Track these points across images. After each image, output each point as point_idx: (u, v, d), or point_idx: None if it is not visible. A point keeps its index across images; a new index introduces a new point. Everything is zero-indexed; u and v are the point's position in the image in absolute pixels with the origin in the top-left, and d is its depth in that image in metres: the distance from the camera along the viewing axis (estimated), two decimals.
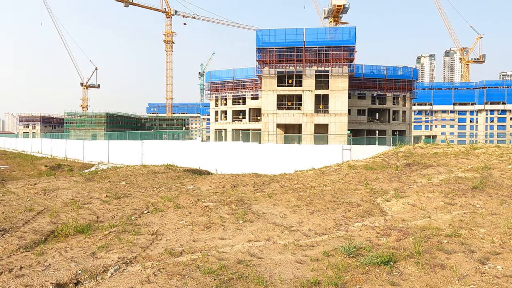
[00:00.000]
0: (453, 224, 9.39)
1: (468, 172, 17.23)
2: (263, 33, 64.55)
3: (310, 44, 62.29)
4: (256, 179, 16.38)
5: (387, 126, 78.81)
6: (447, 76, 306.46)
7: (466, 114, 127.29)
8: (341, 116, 62.96)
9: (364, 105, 77.69)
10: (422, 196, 12.26)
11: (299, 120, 64.01)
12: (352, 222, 9.83)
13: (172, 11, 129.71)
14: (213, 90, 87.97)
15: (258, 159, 42.28)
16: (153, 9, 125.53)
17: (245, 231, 9.24)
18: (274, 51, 63.12)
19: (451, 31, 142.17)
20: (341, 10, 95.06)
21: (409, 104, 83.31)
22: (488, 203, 11.57)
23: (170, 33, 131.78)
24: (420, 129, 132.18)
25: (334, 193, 13.13)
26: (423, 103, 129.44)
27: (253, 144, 45.58)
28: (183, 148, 47.59)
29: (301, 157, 38.94)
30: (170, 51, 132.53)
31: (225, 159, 42.34)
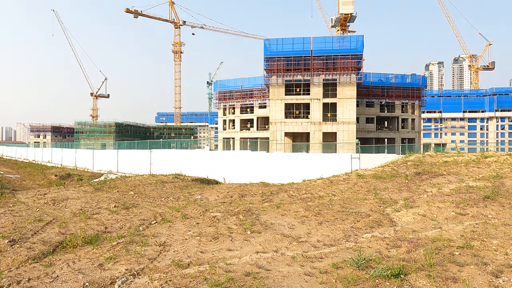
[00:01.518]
0: (465, 235, 9.20)
1: (479, 181, 16.96)
2: (270, 42, 64.92)
3: (317, 52, 62.45)
4: (264, 189, 16.31)
5: (396, 134, 78.29)
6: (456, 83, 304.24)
7: (476, 122, 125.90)
8: (349, 124, 62.74)
9: (373, 113, 77.37)
10: (432, 206, 12.07)
11: (307, 128, 63.92)
12: (362, 233, 9.70)
13: (180, 22, 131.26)
14: (221, 99, 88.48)
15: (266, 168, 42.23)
16: (162, 19, 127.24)
17: (253, 242, 9.16)
18: (281, 60, 63.39)
19: (460, 38, 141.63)
20: (349, 19, 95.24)
21: (418, 111, 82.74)
22: (501, 213, 11.35)
23: (179, 43, 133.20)
24: (430, 137, 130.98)
25: (342, 203, 13.00)
26: (433, 110, 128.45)
27: (261, 153, 45.54)
28: (191, 157, 47.74)
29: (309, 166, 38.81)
30: (178, 61, 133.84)
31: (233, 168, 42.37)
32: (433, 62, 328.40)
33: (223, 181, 36.23)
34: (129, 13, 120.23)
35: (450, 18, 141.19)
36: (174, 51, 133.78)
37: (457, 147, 30.81)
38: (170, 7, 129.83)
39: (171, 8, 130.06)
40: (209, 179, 30.38)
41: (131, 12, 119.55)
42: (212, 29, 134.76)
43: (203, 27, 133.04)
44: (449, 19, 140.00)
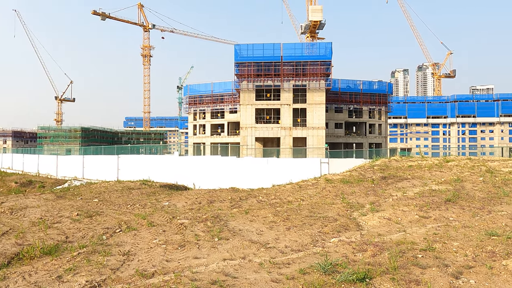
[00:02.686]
0: (428, 238, 9.46)
1: (441, 185, 17.57)
2: (241, 48, 65.06)
3: (287, 58, 63.12)
4: (233, 194, 16.19)
5: (364, 139, 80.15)
6: (420, 90, 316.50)
7: (439, 127, 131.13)
8: (319, 129, 63.67)
9: (341, 118, 78.93)
10: (397, 210, 12.37)
11: (278, 133, 64.34)
12: (329, 238, 9.77)
13: (150, 25, 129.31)
14: (191, 104, 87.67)
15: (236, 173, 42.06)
16: (131, 22, 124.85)
17: (221, 249, 9.02)
18: (252, 65, 63.58)
19: (423, 47, 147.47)
20: (318, 26, 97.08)
21: (384, 117, 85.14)
22: (461, 215, 11.78)
23: (148, 46, 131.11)
24: (396, 141, 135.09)
25: (311, 208, 13.09)
26: (398, 116, 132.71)
27: (231, 158, 45.36)
28: (160, 163, 46.88)
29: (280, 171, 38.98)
30: (147, 65, 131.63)
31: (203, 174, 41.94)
32: (399, 70, 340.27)
33: (192, 187, 35.74)
34: (96, 15, 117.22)
35: (414, 27, 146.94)
36: (143, 54, 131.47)
37: (421, 151, 31.89)
38: (139, 10, 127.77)
39: (140, 11, 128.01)
40: (178, 185, 29.90)
41: (98, 14, 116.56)
42: (182, 33, 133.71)
43: (173, 31, 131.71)
44: (413, 28, 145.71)
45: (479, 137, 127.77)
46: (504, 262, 7.51)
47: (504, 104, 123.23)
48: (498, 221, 10.89)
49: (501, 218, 11.17)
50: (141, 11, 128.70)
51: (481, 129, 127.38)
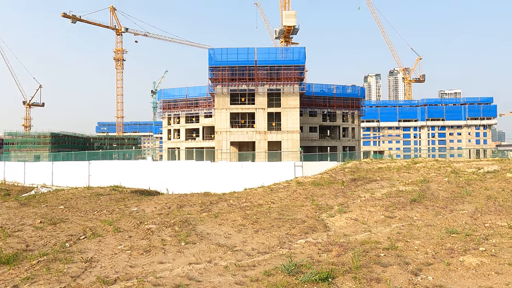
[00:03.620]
0: (391, 237, 9.69)
1: (408, 186, 18.05)
2: (215, 52, 65.00)
3: (262, 63, 63.45)
4: (204, 199, 16.08)
5: (337, 142, 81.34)
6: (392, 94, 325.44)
7: (410, 130, 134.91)
8: (293, 133, 64.24)
9: (316, 122, 79.86)
10: (364, 211, 12.61)
11: (253, 137, 64.46)
12: (296, 239, 9.84)
13: (122, 29, 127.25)
14: (165, 109, 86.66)
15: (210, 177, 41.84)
16: (103, 26, 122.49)
17: (187, 253, 8.92)
18: (226, 69, 63.55)
19: (394, 52, 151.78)
20: (292, 31, 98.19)
21: (357, 121, 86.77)
22: (425, 215, 12.13)
23: (121, 50, 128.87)
24: (369, 145, 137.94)
25: (280, 210, 13.16)
26: (371, 120, 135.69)
27: (205, 163, 45.06)
28: (132, 168, 46.03)
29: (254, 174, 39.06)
30: (120, 69, 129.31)
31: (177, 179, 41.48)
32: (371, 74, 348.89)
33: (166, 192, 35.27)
34: (67, 17, 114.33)
35: (385, 33, 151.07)
36: (115, 58, 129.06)
37: (391, 154, 32.73)
38: (111, 13, 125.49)
39: (112, 14, 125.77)
40: (150, 191, 29.42)
41: (68, 17, 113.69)
42: (156, 37, 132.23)
43: (147, 34, 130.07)
44: (384, 34, 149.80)
45: (448, 139, 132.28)
46: (461, 259, 7.79)
47: (471, 108, 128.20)
48: (459, 220, 11.28)
49: (462, 217, 11.58)
50: (113, 14, 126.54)
51: (449, 132, 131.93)
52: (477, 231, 9.87)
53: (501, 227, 10.18)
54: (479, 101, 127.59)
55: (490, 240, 8.98)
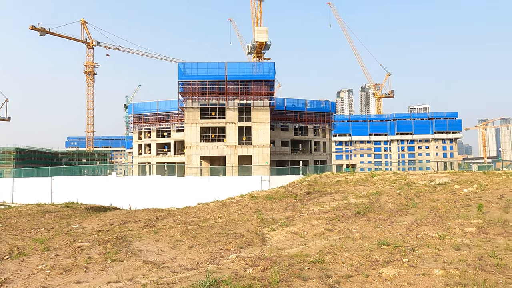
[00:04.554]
0: (323, 250, 9.67)
1: (360, 198, 18.26)
2: (185, 66, 64.92)
3: (232, 77, 63.70)
4: (152, 214, 15.70)
5: (309, 156, 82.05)
6: (364, 109, 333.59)
7: (380, 144, 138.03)
8: (264, 147, 64.39)
9: (287, 136, 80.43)
10: (307, 224, 12.60)
11: (223, 152, 64.20)
12: (229, 254, 9.67)
13: (94, 42, 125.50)
14: (136, 123, 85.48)
15: (177, 193, 41.25)
16: (73, 39, 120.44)
17: (110, 271, 8.59)
18: (196, 84, 63.42)
19: (364, 68, 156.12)
20: (263, 47, 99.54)
21: (328, 135, 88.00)
22: (364, 227, 12.23)
23: (92, 64, 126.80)
24: (342, 158, 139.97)
25: (224, 225, 12.98)
26: (343, 134, 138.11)
27: (171, 178, 44.42)
28: (96, 184, 44.87)
29: (221, 189, 38.74)
30: (91, 83, 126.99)
31: (141, 194, 40.70)
32: (344, 90, 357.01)
33: (128, 208, 34.45)
34: (35, 30, 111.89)
35: (355, 50, 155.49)
36: (86, 72, 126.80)
37: (351, 167, 33.21)
38: (82, 27, 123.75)
39: (83, 27, 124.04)
40: (107, 207, 28.58)
41: (37, 29, 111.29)
42: (129, 51, 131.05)
43: (119, 48, 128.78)
44: (355, 51, 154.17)
45: (417, 153, 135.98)
46: (381, 270, 7.82)
47: (438, 122, 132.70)
48: (395, 231, 11.42)
49: (399, 228, 11.74)
50: (84, 28, 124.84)
51: (418, 146, 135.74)
52: (408, 242, 10.00)
53: (432, 237, 10.36)
54: (445, 116, 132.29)
55: (416, 251, 9.09)
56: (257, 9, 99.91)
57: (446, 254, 8.66)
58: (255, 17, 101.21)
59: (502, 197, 16.45)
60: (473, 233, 10.58)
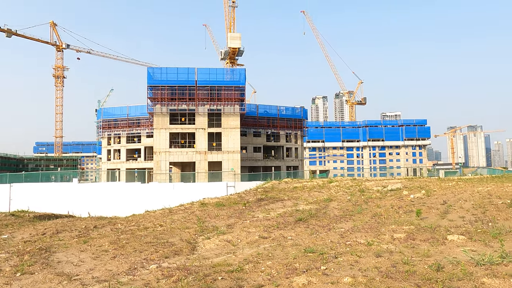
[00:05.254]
0: (248, 258, 9.50)
1: (310, 205, 18.28)
2: (154, 71, 64.15)
3: (202, 83, 63.25)
4: (92, 222, 15.18)
5: (281, 162, 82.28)
6: (338, 116, 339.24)
7: (353, 150, 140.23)
8: (234, 153, 64.12)
9: (260, 142, 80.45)
10: (244, 231, 12.42)
11: (193, 158, 63.54)
12: (151, 264, 9.36)
13: (63, 45, 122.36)
14: (105, 128, 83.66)
15: (140, 199, 40.37)
16: (41, 41, 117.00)
17: (15, 285, 8.13)
18: (166, 89, 62.66)
19: (337, 76, 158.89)
20: (237, 53, 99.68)
21: (300, 141, 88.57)
22: (301, 234, 12.17)
23: (61, 67, 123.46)
24: (315, 164, 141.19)
25: (160, 233, 12.64)
26: (317, 140, 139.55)
27: (135, 184, 43.52)
28: (56, 191, 43.37)
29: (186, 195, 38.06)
30: (60, 86, 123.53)
31: (102, 202, 39.61)
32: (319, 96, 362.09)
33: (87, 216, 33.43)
34: (1, 31, 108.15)
35: (329, 58, 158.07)
36: (55, 75, 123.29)
37: (311, 173, 33.40)
38: (51, 29, 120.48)
39: (52, 29, 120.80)
40: (63, 215, 27.59)
41: (2, 30, 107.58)
42: (100, 55, 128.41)
43: (90, 52, 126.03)
44: (328, 59, 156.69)
45: (388, 159, 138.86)
46: (294, 279, 7.71)
47: (407, 129, 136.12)
48: (329, 238, 11.40)
49: (333, 235, 11.73)
50: (54, 30, 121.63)
51: (389, 152, 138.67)
52: (335, 250, 9.97)
53: (360, 244, 10.38)
54: (414, 123, 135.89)
55: (338, 258, 9.05)
56: (230, 15, 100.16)
57: (365, 261, 8.66)
58: (229, 23, 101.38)
59: (444, 202, 16.81)
60: (401, 239, 10.68)
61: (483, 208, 14.85)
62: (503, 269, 7.29)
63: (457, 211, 15.08)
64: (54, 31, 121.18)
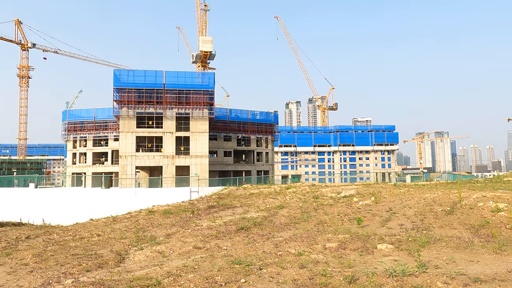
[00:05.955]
0: (172, 271, 9.23)
1: (260, 212, 18.17)
2: (121, 73, 62.92)
3: (170, 86, 62.47)
4: (25, 232, 14.48)
5: (252, 166, 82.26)
6: (311, 121, 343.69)
7: (324, 155, 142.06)
8: (202, 157, 63.57)
9: (230, 147, 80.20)
10: (180, 241, 12.14)
11: (160, 162, 62.55)
12: (69, 278, 8.94)
13: (29, 44, 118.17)
14: (71, 131, 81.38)
15: (99, 205, 39.18)
16: (5, 39, 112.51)
17: None
18: (133, 91, 61.48)
19: (310, 81, 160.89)
20: (208, 56, 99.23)
21: (271, 146, 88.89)
22: (237, 244, 12.00)
23: (26, 67, 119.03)
24: (287, 169, 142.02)
25: (93, 244, 12.17)
26: (289, 145, 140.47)
27: (94, 190, 42.37)
28: (10, 196, 41.53)
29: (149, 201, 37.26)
30: (25, 87, 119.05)
31: (59, 208, 38.23)
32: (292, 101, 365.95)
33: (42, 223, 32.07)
34: None
35: (301, 63, 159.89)
36: (20, 75, 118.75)
37: (272, 179, 33.43)
38: (16, 27, 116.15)
39: (17, 28, 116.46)
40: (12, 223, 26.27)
41: None
42: (69, 55, 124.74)
43: (58, 52, 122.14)
44: (301, 64, 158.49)
45: (358, 163, 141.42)
46: None
47: (377, 135, 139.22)
48: (264, 248, 11.28)
49: (269, 245, 11.63)
50: (19, 28, 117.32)
51: (359, 157, 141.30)
52: (263, 260, 9.84)
53: (290, 254, 10.31)
54: (383, 129, 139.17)
55: (263, 270, 8.93)
56: (202, 19, 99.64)
57: (287, 273, 8.57)
58: (201, 26, 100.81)
59: (390, 209, 17.08)
60: (332, 249, 10.69)
61: (423, 215, 15.17)
62: (412, 281, 7.36)
63: (399, 218, 15.34)
64: (19, 30, 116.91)
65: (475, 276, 7.46)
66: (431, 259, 9.19)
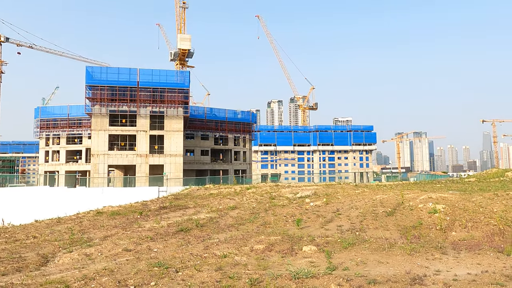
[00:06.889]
0: (89, 274, 9.18)
1: (210, 213, 18.20)
2: (94, 70, 61.82)
3: (144, 84, 61.76)
4: None
5: (229, 166, 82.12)
6: (293, 120, 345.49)
7: (304, 154, 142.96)
8: (177, 156, 63.11)
9: (207, 145, 79.88)
10: (111, 244, 12.07)
11: (133, 161, 61.81)
12: None
13: (2, 38, 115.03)
14: (43, 128, 79.54)
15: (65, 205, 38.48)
16: None
17: None
18: (106, 89, 60.49)
19: (290, 81, 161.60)
20: (187, 54, 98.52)
21: (249, 145, 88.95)
22: (170, 246, 11.99)
23: None
24: (267, 168, 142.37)
25: (22, 247, 11.99)
26: (269, 144, 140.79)
27: (60, 189, 41.65)
28: None
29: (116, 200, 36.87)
30: None
31: (22, 208, 37.36)
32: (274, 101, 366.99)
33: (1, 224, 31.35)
34: None
35: (282, 63, 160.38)
36: None
37: (232, 179, 33.50)
38: None
39: None
40: None
41: None
42: (44, 50, 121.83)
43: (32, 46, 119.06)
44: (282, 63, 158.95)
45: (337, 163, 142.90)
46: None
47: (355, 135, 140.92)
48: (193, 250, 11.31)
49: (200, 247, 11.67)
50: None
51: (338, 156, 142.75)
52: (185, 263, 9.88)
53: (215, 256, 10.39)
54: (362, 129, 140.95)
55: (179, 272, 8.98)
56: (181, 16, 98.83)
57: (200, 275, 8.64)
58: (179, 24, 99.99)
59: (337, 210, 17.37)
60: (258, 251, 10.82)
61: (364, 216, 15.49)
62: (311, 283, 7.53)
63: (341, 219, 15.62)
64: None
65: (373, 277, 7.69)
66: (345, 260, 9.42)
